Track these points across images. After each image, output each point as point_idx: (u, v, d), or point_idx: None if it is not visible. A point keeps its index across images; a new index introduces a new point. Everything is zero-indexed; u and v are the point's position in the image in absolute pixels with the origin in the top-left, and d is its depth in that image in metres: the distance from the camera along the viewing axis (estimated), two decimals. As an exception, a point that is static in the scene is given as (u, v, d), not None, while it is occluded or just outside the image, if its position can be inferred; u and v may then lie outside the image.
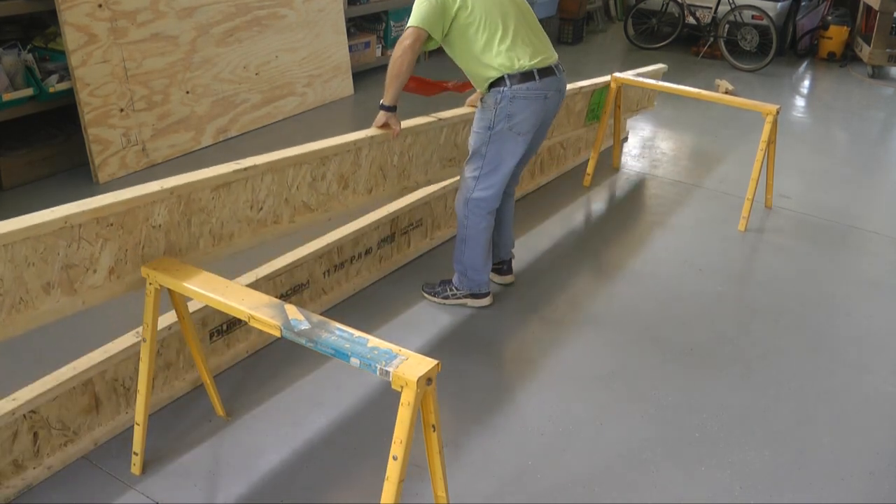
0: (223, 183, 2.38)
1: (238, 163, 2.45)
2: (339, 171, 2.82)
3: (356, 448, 2.61)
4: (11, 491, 2.31)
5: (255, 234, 2.57)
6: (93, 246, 2.08)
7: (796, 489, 2.55)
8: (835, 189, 5.05)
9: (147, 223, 2.22)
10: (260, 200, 2.55)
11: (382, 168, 3.05)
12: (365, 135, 2.93)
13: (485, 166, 3.15)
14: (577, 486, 2.50)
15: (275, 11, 5.52)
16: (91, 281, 2.10)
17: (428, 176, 3.31)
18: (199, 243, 2.39)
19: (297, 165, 2.62)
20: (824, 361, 3.23)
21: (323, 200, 2.79)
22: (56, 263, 2.00)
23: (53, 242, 1.98)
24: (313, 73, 5.90)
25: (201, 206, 2.34)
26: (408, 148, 3.16)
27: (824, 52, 8.42)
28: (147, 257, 2.24)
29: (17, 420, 2.29)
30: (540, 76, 3.05)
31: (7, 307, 1.91)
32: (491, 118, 3.08)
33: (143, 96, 4.65)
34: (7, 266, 1.88)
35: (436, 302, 3.43)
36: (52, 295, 2.02)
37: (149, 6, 4.63)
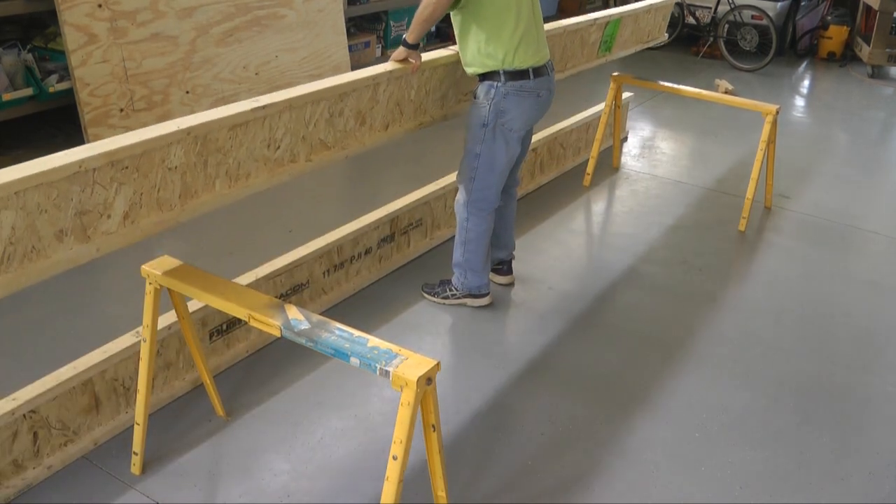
0: (240, 122, 2.31)
1: (255, 100, 2.38)
2: (356, 107, 2.75)
3: (356, 448, 2.61)
4: (11, 491, 2.31)
5: (272, 174, 2.51)
6: (107, 190, 2.01)
7: (796, 489, 2.55)
8: (835, 189, 5.05)
9: (163, 165, 2.13)
10: (277, 139, 2.48)
11: (400, 103, 2.98)
12: (384, 69, 2.84)
13: (480, 166, 3.13)
14: (577, 486, 2.50)
15: (275, 11, 5.52)
16: (105, 227, 2.04)
17: (444, 111, 3.25)
18: (216, 185, 2.32)
19: (314, 102, 2.55)
20: (824, 361, 3.23)
21: (340, 138, 2.73)
22: (69, 210, 1.93)
23: (67, 188, 1.91)
24: (313, 73, 5.90)
25: (218, 146, 2.27)
26: (425, 82, 3.08)
27: (824, 52, 8.42)
28: (162, 201, 2.17)
29: (17, 420, 2.29)
30: (534, 75, 3.04)
31: (19, 257, 1.86)
32: (484, 115, 3.05)
33: (143, 96, 4.65)
34: (19, 214, 1.82)
35: (435, 302, 3.43)
36: (66, 243, 1.96)
37: (149, 6, 4.63)
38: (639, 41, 4.92)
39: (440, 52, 3.17)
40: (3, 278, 1.83)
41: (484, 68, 3.03)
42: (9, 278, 1.84)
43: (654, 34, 5.13)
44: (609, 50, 4.57)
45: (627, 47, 4.75)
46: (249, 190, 2.45)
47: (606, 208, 4.65)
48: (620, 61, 8.04)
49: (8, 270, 1.83)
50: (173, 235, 3.89)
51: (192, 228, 3.98)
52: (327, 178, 4.92)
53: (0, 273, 1.82)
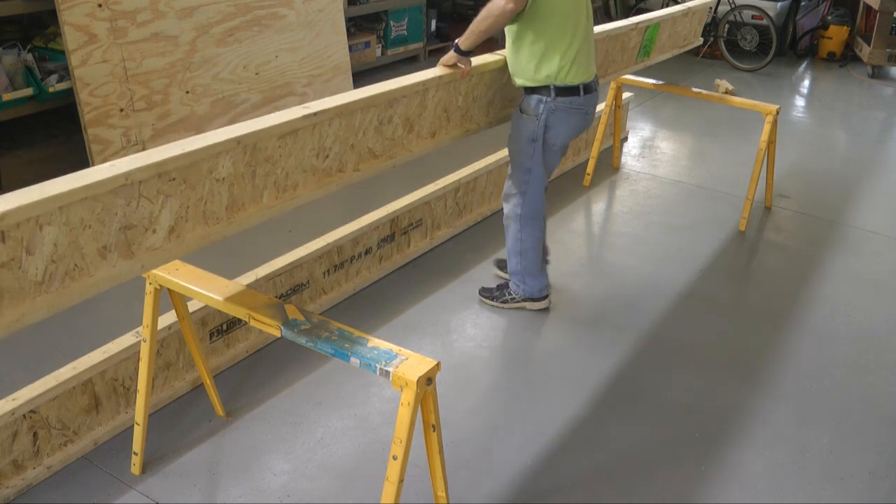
0: (290, 130, 2.22)
1: (306, 107, 2.31)
2: (405, 114, 2.69)
3: (356, 448, 2.61)
4: (11, 491, 2.31)
5: (320, 185, 2.41)
6: (153, 203, 1.91)
7: (796, 489, 2.55)
8: (835, 189, 5.05)
9: (211, 176, 2.04)
10: (326, 148, 2.39)
11: (447, 110, 2.92)
12: (433, 74, 2.77)
13: (532, 180, 3.13)
14: (577, 486, 2.50)
15: (275, 11, 5.52)
16: (150, 242, 1.94)
17: (489, 117, 3.18)
18: (263, 196, 2.23)
19: (364, 109, 2.47)
20: (824, 361, 3.23)
21: (388, 146, 2.66)
22: (114, 225, 1.84)
23: (111, 201, 1.81)
24: (313, 73, 5.90)
25: (267, 155, 2.18)
26: (472, 88, 3.01)
27: (824, 52, 8.42)
28: (209, 214, 2.07)
29: (17, 420, 2.29)
30: (584, 92, 3.01)
31: (61, 275, 1.76)
32: (533, 129, 3.02)
33: (142, 96, 4.65)
34: (62, 230, 1.72)
35: (494, 306, 3.44)
36: (109, 259, 1.86)
37: (149, 6, 4.63)
38: (675, 45, 4.87)
39: (487, 57, 3.08)
40: (43, 299, 1.73)
41: (534, 82, 2.97)
42: (49, 299, 1.74)
43: (689, 38, 5.07)
44: (648, 55, 4.53)
45: (665, 52, 4.70)
46: (296, 202, 2.34)
47: (606, 208, 4.65)
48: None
49: (49, 290, 1.74)
50: (173, 235, 3.89)
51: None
52: (327, 178, 4.92)
53: (41, 293, 1.72)
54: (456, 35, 3.06)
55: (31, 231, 1.64)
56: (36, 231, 1.65)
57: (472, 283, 3.64)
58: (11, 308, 1.65)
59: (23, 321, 1.67)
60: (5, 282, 1.62)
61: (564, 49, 2.93)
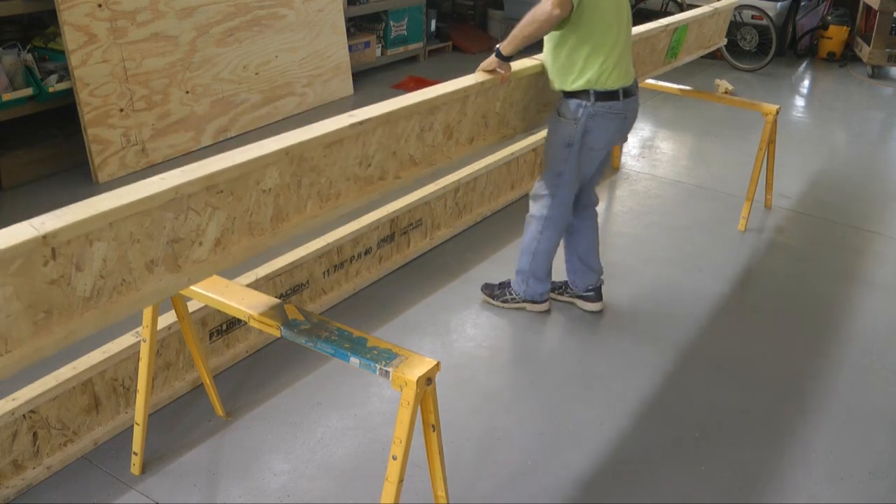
0: (336, 139, 2.22)
1: (352, 115, 2.30)
2: (445, 121, 2.67)
3: (356, 448, 2.61)
4: (11, 491, 2.31)
5: (362, 193, 2.41)
6: (200, 216, 1.90)
7: (796, 489, 2.55)
8: (835, 189, 5.05)
9: (258, 187, 2.04)
10: (369, 156, 2.39)
11: (485, 116, 2.90)
12: (474, 80, 2.74)
13: (563, 185, 3.09)
14: (577, 486, 2.50)
15: (274, 11, 5.52)
16: (196, 255, 1.93)
17: (525, 122, 3.16)
18: (307, 206, 2.22)
19: (407, 117, 2.47)
20: (824, 361, 3.22)
21: (428, 153, 2.65)
22: (162, 238, 1.82)
23: (160, 215, 1.80)
24: (313, 73, 5.90)
25: (312, 165, 2.18)
26: (510, 93, 2.98)
27: (824, 52, 8.42)
28: (254, 225, 2.06)
29: (16, 420, 2.29)
30: (624, 96, 2.96)
31: (109, 290, 1.74)
32: (570, 134, 2.98)
33: (142, 96, 4.65)
34: (111, 245, 1.70)
35: (494, 304, 3.42)
36: (156, 273, 1.84)
37: (149, 6, 4.63)
38: (700, 46, 4.83)
39: (525, 62, 3.05)
40: (91, 314, 1.71)
41: (574, 86, 2.93)
42: (97, 314, 1.72)
43: (714, 39, 5.04)
44: (675, 56, 4.49)
45: (691, 53, 4.66)
46: (339, 211, 2.33)
47: (606, 208, 4.65)
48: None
49: (97, 305, 1.72)
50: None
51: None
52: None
53: (88, 308, 1.70)
54: (456, 35, 3.05)
55: (81, 247, 1.62)
56: (86, 247, 1.63)
57: (472, 283, 3.64)
58: (60, 325, 1.63)
59: (71, 338, 1.65)
60: (55, 299, 1.60)
61: (606, 54, 2.88)
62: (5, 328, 1.54)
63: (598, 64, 2.88)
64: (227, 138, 5.17)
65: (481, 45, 7.91)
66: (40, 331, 1.60)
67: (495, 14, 8.12)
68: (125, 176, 4.55)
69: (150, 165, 4.70)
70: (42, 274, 1.56)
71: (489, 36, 8.11)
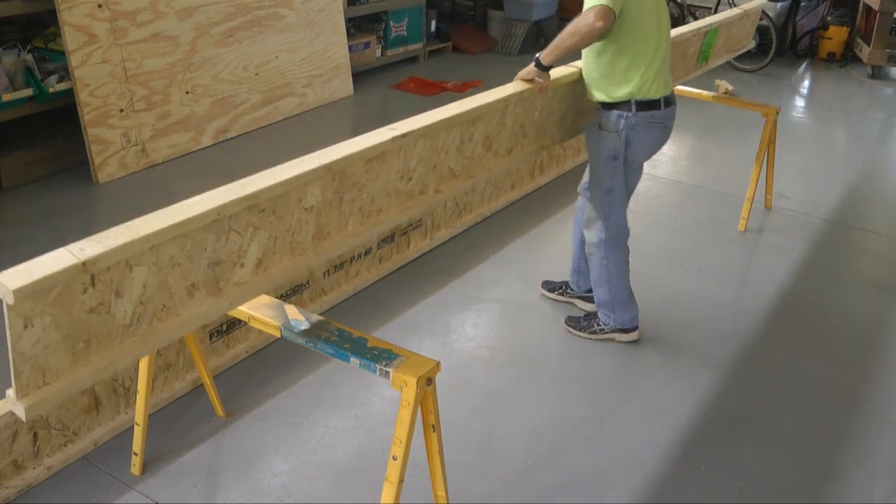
0: (378, 153, 2.16)
1: (392, 128, 2.24)
2: (485, 132, 2.62)
3: (356, 448, 2.61)
4: (11, 491, 2.31)
5: (403, 208, 2.37)
6: (242, 237, 1.85)
7: (796, 489, 2.55)
8: (835, 189, 5.05)
9: (299, 205, 1.98)
10: (410, 169, 2.33)
11: (524, 126, 2.84)
12: (514, 90, 2.68)
13: (615, 200, 3.02)
14: (577, 486, 2.50)
15: (275, 12, 5.52)
16: (237, 277, 1.87)
17: (562, 132, 3.12)
18: (349, 223, 2.18)
19: (448, 128, 2.42)
20: (824, 361, 3.23)
21: (467, 165, 2.60)
22: (203, 261, 1.77)
23: (202, 237, 1.74)
24: (313, 73, 5.90)
25: (354, 180, 2.13)
26: (548, 102, 2.93)
27: (824, 53, 8.42)
28: (296, 244, 2.01)
29: (16, 420, 2.29)
30: (664, 105, 2.91)
31: (149, 317, 1.69)
32: (614, 147, 2.92)
33: (142, 96, 4.65)
34: (151, 270, 1.64)
35: (581, 336, 3.27)
36: (197, 297, 1.79)
37: (149, 6, 4.63)
38: (729, 50, 4.80)
39: (562, 70, 2.99)
40: (131, 342, 1.66)
41: (614, 98, 2.87)
42: (137, 342, 1.67)
43: (742, 42, 4.99)
44: (706, 60, 4.45)
45: (720, 57, 4.62)
46: (380, 228, 2.29)
47: (606, 208, 4.65)
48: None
49: (136, 333, 1.67)
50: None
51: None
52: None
53: (128, 336, 1.65)
54: (456, 35, 3.04)
55: (121, 273, 1.57)
56: (126, 273, 1.58)
57: (471, 283, 3.64)
58: (99, 355, 1.59)
59: (111, 368, 1.61)
60: (94, 327, 1.57)
61: (648, 63, 2.83)
62: (44, 359, 1.50)
63: (639, 74, 2.82)
64: (227, 138, 5.17)
65: (481, 45, 7.91)
66: (79, 361, 1.56)
67: (495, 14, 8.11)
68: (125, 176, 4.55)
69: (151, 166, 4.70)
70: (81, 302, 1.52)
71: (489, 36, 8.11)
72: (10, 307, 1.41)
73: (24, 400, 1.49)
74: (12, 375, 1.46)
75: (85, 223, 4.07)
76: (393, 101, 6.30)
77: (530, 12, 7.85)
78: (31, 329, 1.46)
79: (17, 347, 1.45)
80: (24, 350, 1.46)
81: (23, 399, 1.49)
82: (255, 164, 2.10)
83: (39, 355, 1.49)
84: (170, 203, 1.74)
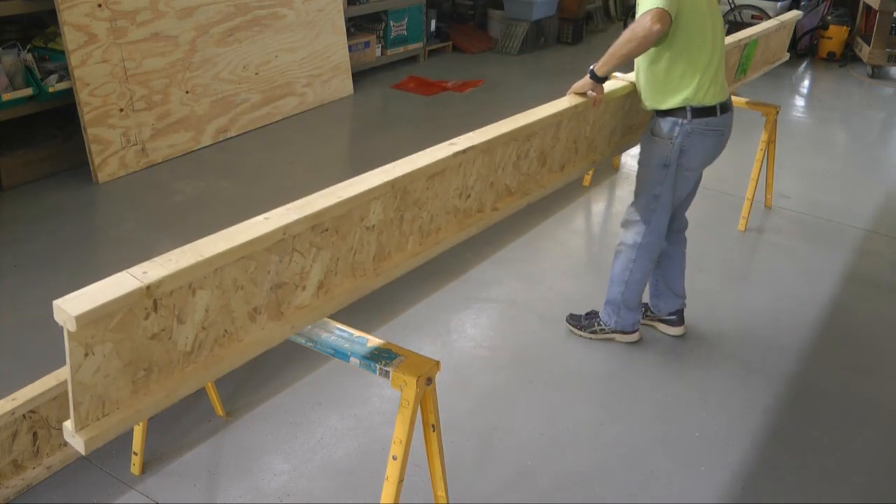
0: (439, 170, 2.12)
1: (453, 143, 2.19)
2: (540, 148, 2.57)
3: (356, 448, 2.61)
4: (11, 491, 2.31)
5: (461, 227, 2.33)
6: (305, 258, 1.79)
7: (796, 489, 2.54)
8: (835, 189, 5.05)
9: (361, 224, 1.93)
10: (469, 186, 2.29)
11: (576, 141, 2.79)
12: (568, 104, 2.63)
13: (659, 208, 2.96)
14: (577, 486, 2.50)
15: (274, 11, 5.52)
16: (299, 300, 1.82)
17: (611, 147, 3.06)
18: (408, 242, 2.14)
19: (506, 144, 2.37)
20: (824, 361, 3.22)
21: (523, 182, 2.57)
22: (265, 284, 1.71)
23: (265, 259, 1.68)
24: (313, 73, 5.90)
25: (415, 198, 2.08)
26: (599, 117, 2.88)
27: (824, 52, 8.42)
28: (357, 265, 1.96)
29: (16, 420, 2.29)
30: (720, 111, 2.84)
31: (210, 343, 1.63)
32: (667, 154, 2.85)
33: (142, 96, 4.65)
34: (214, 294, 1.59)
35: (582, 336, 3.26)
36: (258, 322, 1.73)
37: (148, 6, 4.63)
38: (766, 62, 4.75)
39: (614, 83, 2.94)
40: (192, 370, 1.61)
41: (668, 105, 2.81)
42: (198, 370, 1.62)
43: (778, 54, 4.94)
44: (745, 73, 4.40)
45: (758, 69, 4.57)
46: (439, 248, 2.25)
47: (606, 208, 4.65)
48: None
49: (197, 360, 1.62)
50: (173, 235, 3.89)
51: (190, 228, 3.98)
52: (327, 177, 4.92)
53: (189, 364, 1.60)
54: (456, 35, 3.02)
55: (184, 297, 1.52)
56: (189, 297, 1.53)
57: (472, 283, 3.64)
58: (160, 383, 1.54)
59: (172, 397, 1.55)
60: (155, 355, 1.51)
61: (703, 68, 2.76)
62: (104, 389, 1.44)
63: (695, 80, 2.76)
64: (226, 138, 5.17)
65: (481, 44, 7.91)
66: (139, 390, 1.50)
67: (495, 14, 8.12)
68: (125, 176, 4.55)
69: (150, 165, 4.70)
70: (143, 328, 1.46)
71: (489, 36, 8.11)
72: (71, 334, 1.36)
73: (82, 433, 1.43)
74: (70, 406, 1.40)
75: (85, 223, 4.07)
76: (393, 101, 6.30)
77: (530, 12, 7.85)
78: (92, 357, 1.41)
79: (77, 377, 1.40)
80: (83, 380, 1.41)
81: (82, 431, 1.43)
82: (256, 163, 2.10)
83: (99, 385, 1.43)
84: (169, 203, 1.74)
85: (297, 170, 4.82)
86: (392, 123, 5.86)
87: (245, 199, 4.35)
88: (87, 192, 4.36)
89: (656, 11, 2.53)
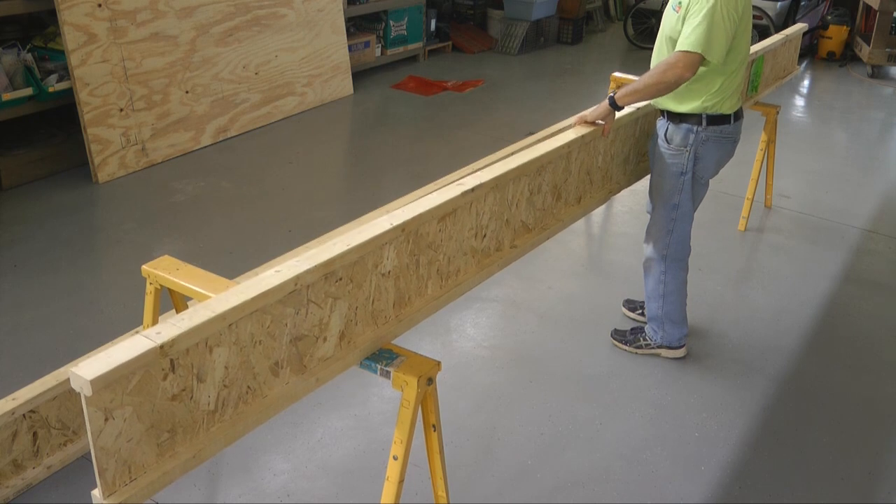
0: (449, 210, 2.11)
1: (461, 183, 2.17)
2: (552, 181, 2.58)
3: (356, 448, 2.61)
4: (11, 491, 2.31)
5: (480, 267, 2.32)
6: (322, 309, 1.79)
7: (796, 489, 2.55)
8: (835, 189, 5.05)
9: (376, 271, 1.92)
10: (483, 226, 2.29)
11: (589, 172, 2.80)
12: (575, 135, 2.62)
13: (679, 217, 2.94)
14: (577, 486, 2.50)
15: (274, 11, 5.52)
16: (321, 352, 1.82)
17: (627, 175, 3.06)
18: (428, 286, 2.13)
19: (516, 179, 2.37)
20: (824, 361, 3.23)
21: (539, 217, 2.57)
22: (284, 337, 1.71)
23: (280, 311, 1.68)
24: (313, 72, 5.90)
25: (429, 241, 2.08)
26: (610, 146, 2.88)
27: (824, 52, 8.42)
28: (377, 313, 1.96)
29: (16, 420, 2.29)
30: (734, 119, 2.84)
31: (234, 400, 1.63)
32: (683, 162, 2.85)
33: (142, 96, 4.65)
34: (232, 350, 1.58)
35: (627, 350, 3.21)
36: (282, 377, 1.73)
37: (148, 6, 4.63)
38: (777, 77, 4.71)
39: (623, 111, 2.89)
40: (218, 429, 1.60)
41: (685, 108, 2.79)
42: (224, 428, 1.61)
43: (788, 68, 4.90)
44: (756, 90, 4.38)
45: (769, 85, 4.54)
46: (460, 289, 2.24)
47: (606, 208, 4.65)
48: (620, 61, 8.05)
49: (222, 419, 1.61)
50: (173, 235, 3.89)
51: (191, 228, 3.98)
52: (327, 177, 4.92)
53: (214, 423, 1.59)
54: (456, 35, 3.02)
55: (200, 355, 1.52)
56: (206, 354, 1.53)
57: (471, 282, 3.63)
58: (186, 445, 1.54)
59: (199, 458, 1.56)
60: (178, 416, 1.51)
61: (731, 77, 2.76)
62: (128, 454, 1.44)
63: (716, 85, 2.75)
64: (226, 138, 5.17)
65: (481, 44, 7.91)
66: (165, 453, 1.50)
67: (495, 14, 8.12)
68: (125, 175, 4.55)
69: (150, 165, 4.70)
70: (162, 389, 1.46)
71: (489, 36, 8.11)
72: (88, 399, 1.35)
73: (111, 498, 1.43)
74: (96, 473, 1.40)
75: (85, 223, 4.07)
76: (393, 101, 6.30)
77: (530, 12, 7.85)
78: (113, 422, 1.40)
79: (99, 443, 1.39)
80: (106, 445, 1.40)
81: (110, 498, 1.43)
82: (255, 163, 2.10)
83: (123, 450, 1.43)
84: (169, 203, 1.74)
85: (296, 169, 4.82)
86: (392, 123, 5.86)
87: (245, 199, 4.35)
88: (87, 192, 4.36)
89: (693, 59, 2.54)
